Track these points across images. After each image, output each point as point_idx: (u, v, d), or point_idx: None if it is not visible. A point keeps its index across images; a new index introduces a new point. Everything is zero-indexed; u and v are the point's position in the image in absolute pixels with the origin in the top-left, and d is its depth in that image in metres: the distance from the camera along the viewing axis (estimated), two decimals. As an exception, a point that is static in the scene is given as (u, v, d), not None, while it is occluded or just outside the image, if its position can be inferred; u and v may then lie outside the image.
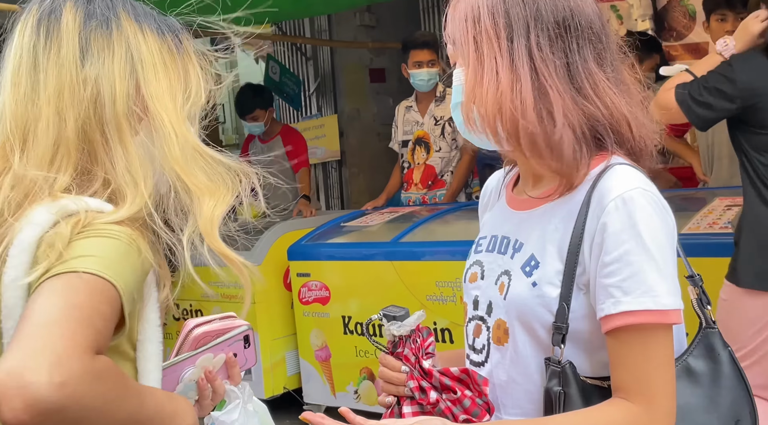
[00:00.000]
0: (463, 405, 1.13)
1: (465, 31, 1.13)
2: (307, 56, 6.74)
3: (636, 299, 1.04)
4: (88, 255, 0.95)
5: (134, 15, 1.11)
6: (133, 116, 1.07)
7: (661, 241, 1.07)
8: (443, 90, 4.53)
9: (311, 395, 3.95)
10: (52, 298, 0.91)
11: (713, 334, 1.17)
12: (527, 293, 1.12)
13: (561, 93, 1.10)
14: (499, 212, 1.27)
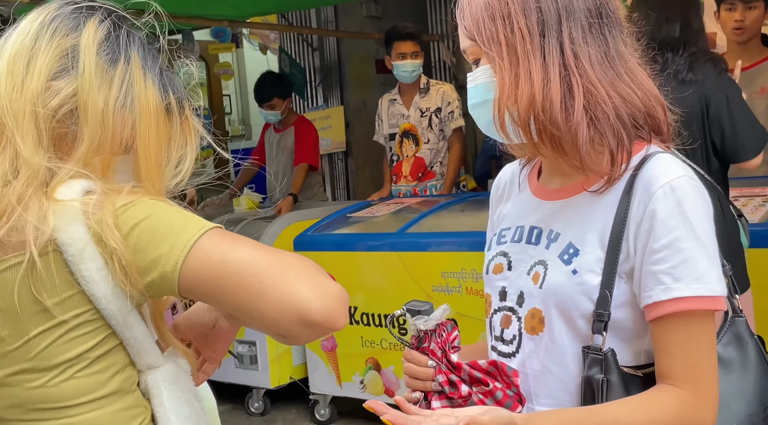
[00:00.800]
0: (496, 397, 1.12)
1: (493, 29, 1.11)
2: (314, 47, 6.73)
3: (688, 285, 1.05)
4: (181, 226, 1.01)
5: (143, 61, 1.11)
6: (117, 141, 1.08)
7: (708, 228, 1.08)
8: (427, 82, 4.56)
9: (317, 385, 3.97)
10: (245, 249, 1.00)
11: (741, 322, 1.18)
12: (567, 282, 1.12)
13: (596, 85, 1.10)
14: (524, 202, 1.26)
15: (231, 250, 1.00)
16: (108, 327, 1.04)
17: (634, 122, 1.13)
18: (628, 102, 1.12)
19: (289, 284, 0.98)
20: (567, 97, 1.09)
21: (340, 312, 0.99)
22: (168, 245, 0.99)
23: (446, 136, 4.52)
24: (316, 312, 0.97)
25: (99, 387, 1.05)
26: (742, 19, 3.48)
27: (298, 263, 1.01)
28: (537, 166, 1.28)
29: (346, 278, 3.81)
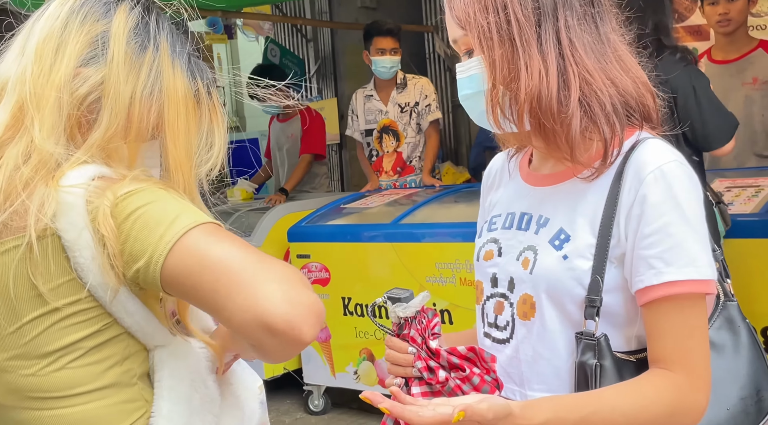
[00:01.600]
0: (473, 382, 1.14)
1: (487, 20, 1.10)
2: (308, 38, 6.71)
3: (679, 269, 1.05)
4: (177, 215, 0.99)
5: (172, 48, 1.11)
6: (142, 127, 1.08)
7: (698, 213, 1.08)
8: (403, 77, 4.58)
9: (311, 376, 3.97)
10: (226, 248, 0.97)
11: (732, 306, 1.19)
12: (557, 267, 1.12)
13: (592, 72, 1.10)
14: (515, 189, 1.26)
15: (212, 248, 0.97)
16: (108, 315, 1.03)
17: (626, 110, 1.13)
18: (621, 89, 1.12)
19: (257, 288, 0.94)
20: (563, 88, 1.09)
21: (307, 322, 0.93)
22: (157, 236, 0.97)
23: (423, 129, 4.54)
24: (277, 318, 0.92)
25: (93, 379, 1.03)
26: (726, 11, 3.52)
27: (277, 268, 0.97)
28: (528, 153, 1.28)
29: (340, 269, 3.82)
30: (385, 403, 1.00)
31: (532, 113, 1.09)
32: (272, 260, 0.99)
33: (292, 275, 0.97)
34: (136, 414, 1.06)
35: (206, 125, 1.13)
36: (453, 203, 3.90)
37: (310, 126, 5.10)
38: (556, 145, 1.12)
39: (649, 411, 1.06)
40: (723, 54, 3.66)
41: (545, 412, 1.03)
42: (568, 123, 1.09)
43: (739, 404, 1.14)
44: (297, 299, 0.94)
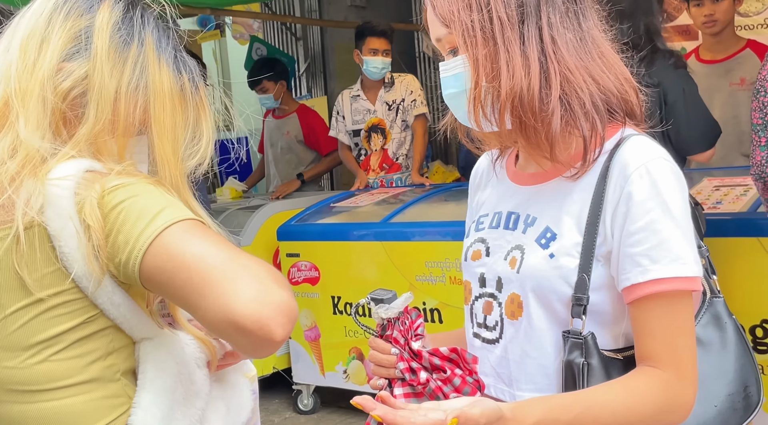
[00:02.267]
0: (453, 383, 1.14)
1: (470, 18, 1.09)
2: (297, 36, 6.70)
3: (665, 266, 1.05)
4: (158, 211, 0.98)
5: (157, 43, 1.11)
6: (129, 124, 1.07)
7: (684, 209, 1.08)
8: (391, 76, 4.60)
9: (300, 375, 3.96)
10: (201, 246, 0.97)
11: (719, 303, 1.19)
12: (544, 265, 1.12)
13: (573, 71, 1.09)
14: (502, 188, 1.26)
15: (187, 246, 0.97)
16: (93, 307, 1.03)
17: (608, 107, 1.13)
18: (602, 87, 1.12)
19: (227, 288, 0.93)
20: (544, 87, 1.09)
21: (277, 322, 0.92)
22: (138, 231, 0.97)
23: (409, 124, 4.55)
24: (246, 319, 0.91)
25: (75, 373, 1.03)
26: (711, 12, 3.53)
27: (251, 266, 0.96)
28: (514, 152, 1.28)
29: (330, 267, 3.81)
30: (378, 410, 0.99)
31: (513, 111, 1.09)
32: (247, 258, 0.98)
33: (266, 273, 0.96)
34: (118, 410, 1.05)
35: (193, 120, 1.13)
36: (443, 201, 3.90)
37: (317, 124, 5.12)
38: (537, 143, 1.11)
39: (638, 408, 1.06)
40: (711, 54, 3.67)
41: (536, 414, 1.03)
42: (549, 121, 1.09)
43: (726, 400, 1.15)
44: (267, 298, 0.93)
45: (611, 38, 1.16)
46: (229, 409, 1.17)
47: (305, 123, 5.11)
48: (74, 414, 1.03)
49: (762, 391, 1.17)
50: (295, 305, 0.96)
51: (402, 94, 4.58)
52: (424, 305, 3.45)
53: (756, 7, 4.34)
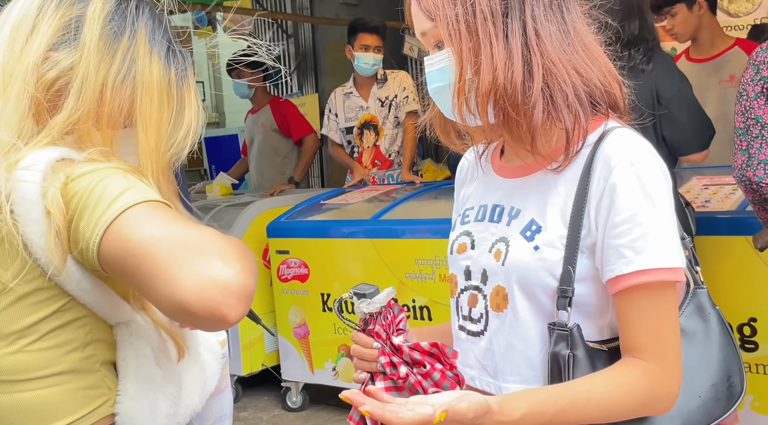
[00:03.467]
0: (433, 378, 1.14)
1: (455, 11, 1.10)
2: (288, 34, 6.68)
3: (649, 258, 1.06)
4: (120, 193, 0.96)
5: (150, 35, 1.09)
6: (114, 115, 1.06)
7: (667, 201, 1.08)
8: (384, 73, 4.60)
9: (289, 372, 3.95)
10: (150, 230, 0.94)
11: (702, 294, 1.19)
12: (529, 257, 1.12)
13: (556, 63, 1.09)
14: (487, 182, 1.27)
15: (140, 229, 0.94)
16: (66, 295, 1.02)
17: (591, 99, 1.13)
18: (586, 79, 1.12)
19: (174, 275, 0.90)
20: (527, 79, 1.09)
21: (227, 304, 0.90)
22: (96, 217, 0.96)
23: (400, 121, 4.55)
24: (193, 306, 0.89)
25: (51, 364, 1.02)
26: (671, 27, 3.64)
27: (204, 245, 0.92)
28: (500, 146, 1.28)
29: (319, 265, 3.80)
30: (366, 405, 0.99)
31: (495, 103, 1.09)
32: (202, 236, 0.94)
33: (218, 251, 0.92)
34: (96, 401, 1.05)
35: (176, 113, 1.11)
36: (433, 199, 3.90)
37: (288, 111, 5.12)
38: (519, 136, 1.12)
39: (623, 400, 1.07)
40: (700, 53, 3.72)
41: (523, 407, 1.03)
42: (530, 114, 1.09)
43: (710, 390, 1.15)
44: (215, 281, 0.89)
45: (595, 31, 1.17)
46: (205, 373, 1.18)
47: (277, 112, 5.12)
48: (50, 405, 1.02)
49: (745, 381, 1.18)
50: (248, 281, 0.92)
51: (395, 91, 4.58)
52: (413, 303, 3.45)
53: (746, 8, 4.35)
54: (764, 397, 2.70)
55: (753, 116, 2.21)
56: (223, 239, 0.95)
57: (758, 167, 2.19)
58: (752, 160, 2.20)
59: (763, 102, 2.19)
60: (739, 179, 2.29)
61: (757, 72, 2.21)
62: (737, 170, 2.28)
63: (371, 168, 4.59)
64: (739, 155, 2.26)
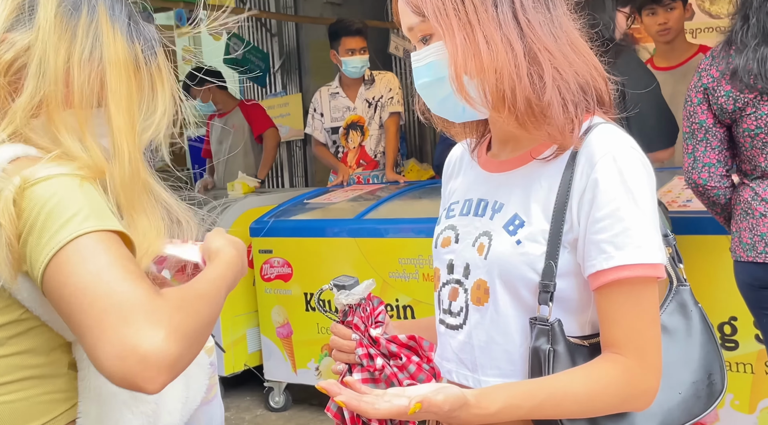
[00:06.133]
0: (409, 370, 1.15)
1: (443, 2, 1.09)
2: (272, 33, 6.66)
3: (630, 253, 1.06)
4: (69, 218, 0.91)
5: (110, 11, 1.05)
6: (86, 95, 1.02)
7: (649, 198, 1.08)
8: (371, 74, 4.60)
9: (272, 372, 3.94)
10: (87, 278, 0.89)
11: (685, 291, 1.20)
12: (511, 251, 1.12)
13: (552, 52, 1.09)
14: (473, 176, 1.26)
15: (78, 272, 0.89)
16: (21, 305, 0.97)
17: (584, 92, 1.13)
18: (576, 72, 1.12)
19: (94, 336, 0.86)
20: (532, 66, 1.09)
21: (144, 377, 0.86)
22: (43, 242, 0.91)
23: (383, 122, 4.56)
24: (111, 375, 0.86)
25: (12, 371, 0.97)
26: (665, 21, 3.65)
27: (134, 305, 0.87)
28: (486, 142, 1.28)
29: (303, 264, 3.79)
30: (342, 396, 0.99)
31: (501, 87, 1.08)
32: (134, 294, 0.88)
33: (151, 313, 0.87)
34: (65, 405, 1.01)
35: (148, 91, 1.08)
36: (417, 198, 3.90)
37: (253, 111, 5.23)
38: (537, 122, 1.09)
39: (601, 396, 1.07)
40: (665, 61, 3.78)
41: (500, 401, 1.03)
42: (548, 100, 1.08)
43: (690, 388, 1.15)
44: (132, 352, 0.85)
45: (580, 27, 1.17)
46: (189, 389, 1.15)
47: (247, 112, 5.22)
48: (13, 413, 0.98)
49: (726, 379, 1.19)
50: (174, 349, 0.87)
51: (381, 92, 4.59)
52: (397, 302, 3.45)
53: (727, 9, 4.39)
54: (744, 396, 2.72)
55: (697, 120, 2.31)
56: (156, 298, 0.90)
57: (702, 170, 2.31)
58: (697, 163, 2.32)
59: (705, 108, 2.29)
60: (687, 182, 2.39)
61: (699, 79, 2.31)
62: (685, 173, 2.38)
63: (356, 168, 4.59)
64: (686, 158, 2.36)
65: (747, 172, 2.29)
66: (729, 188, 2.34)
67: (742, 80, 2.17)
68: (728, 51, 2.24)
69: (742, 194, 2.29)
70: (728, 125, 2.29)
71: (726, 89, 2.22)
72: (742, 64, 2.17)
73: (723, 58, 2.24)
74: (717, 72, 2.25)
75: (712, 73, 2.27)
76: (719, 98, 2.24)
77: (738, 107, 2.21)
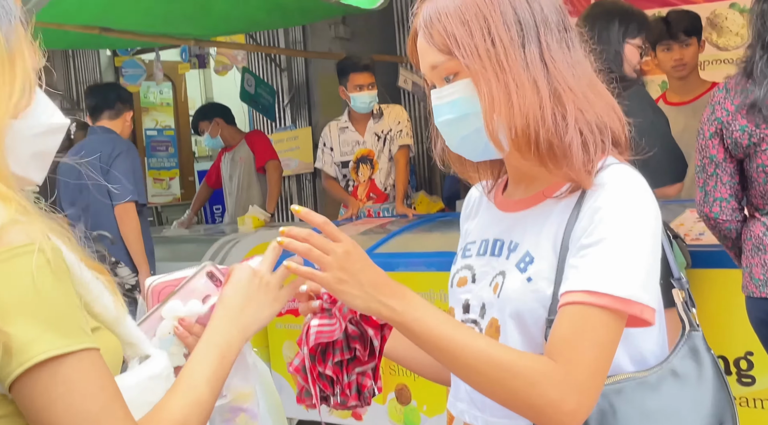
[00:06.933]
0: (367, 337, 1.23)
1: (473, 43, 1.11)
2: (282, 68, 6.72)
3: (601, 281, 1.05)
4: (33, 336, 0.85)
5: None
6: None
7: (647, 236, 1.08)
8: (379, 108, 4.63)
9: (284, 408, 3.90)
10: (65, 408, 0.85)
11: (697, 336, 1.18)
12: (522, 289, 1.12)
13: (576, 92, 1.11)
14: (489, 216, 1.27)
15: (47, 407, 0.85)
16: None
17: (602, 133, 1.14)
18: (597, 113, 1.13)
19: None
20: (557, 106, 1.10)
21: None
22: (7, 358, 0.85)
23: (392, 156, 4.57)
24: None
25: None
26: (681, 57, 3.65)
27: None
28: (503, 183, 1.29)
29: (314, 299, 3.77)
30: None
31: (534, 131, 1.09)
32: None
33: None
34: None
35: (10, 70, 0.97)
36: (427, 232, 3.90)
37: (257, 141, 5.32)
38: (557, 162, 1.10)
39: (513, 372, 1.04)
40: (678, 96, 3.77)
41: (420, 309, 1.08)
42: (570, 140, 1.09)
43: None
44: None
45: (597, 69, 1.19)
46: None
47: (251, 143, 5.31)
48: None
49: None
50: None
51: (390, 125, 4.62)
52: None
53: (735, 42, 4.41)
54: (762, 432, 2.68)
55: (708, 154, 2.30)
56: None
57: (714, 204, 2.31)
58: (708, 197, 2.32)
59: (717, 142, 2.28)
60: (699, 215, 2.38)
61: (712, 112, 2.30)
62: (697, 207, 2.37)
63: (366, 201, 4.60)
64: (698, 191, 2.36)
65: (759, 206, 2.28)
66: (741, 222, 2.33)
67: (761, 112, 2.15)
68: (746, 83, 2.21)
69: (752, 229, 2.27)
70: (740, 159, 2.28)
71: (741, 124, 2.20)
72: (762, 96, 2.15)
73: (740, 90, 2.22)
74: (732, 105, 2.23)
75: (726, 106, 2.24)
76: (734, 132, 2.22)
77: (753, 142, 2.20)
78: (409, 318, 1.07)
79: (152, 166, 7.83)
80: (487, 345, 1.06)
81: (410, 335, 1.08)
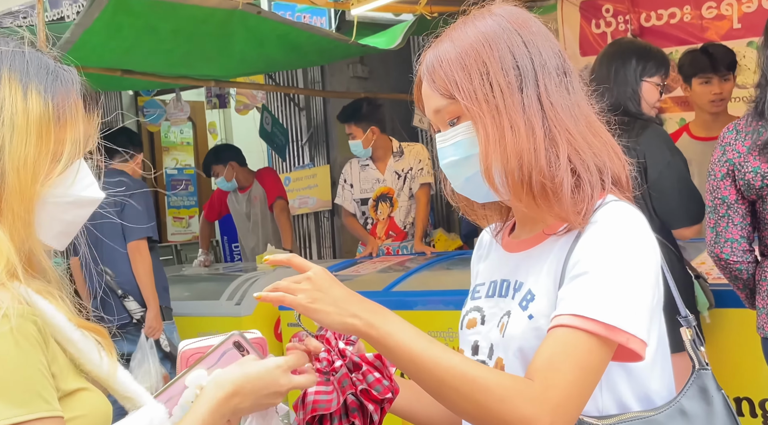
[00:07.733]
0: (368, 380, 1.16)
1: (473, 87, 1.13)
2: (300, 107, 6.80)
3: (585, 306, 1.05)
4: None
5: (21, 74, 1.00)
6: None
7: (636, 269, 1.08)
8: (399, 146, 4.66)
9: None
10: None
11: (706, 375, 1.17)
12: (524, 327, 1.13)
13: (573, 133, 1.13)
14: (497, 258, 1.28)
15: None
16: None
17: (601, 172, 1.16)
18: (594, 153, 1.15)
19: None
20: (550, 148, 1.12)
21: None
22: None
23: (413, 194, 4.58)
24: None
25: None
26: (720, 91, 3.56)
27: None
28: (511, 224, 1.30)
29: (331, 337, 3.75)
30: None
31: (526, 173, 1.11)
32: None
33: None
34: None
35: (54, 145, 1.00)
36: (445, 270, 3.89)
37: (267, 178, 5.35)
38: (550, 204, 1.12)
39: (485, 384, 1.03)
40: (705, 131, 3.68)
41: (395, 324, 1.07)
42: (560, 181, 1.11)
43: None
44: None
45: (597, 111, 1.21)
46: None
47: (261, 180, 5.35)
48: None
49: None
50: None
51: (411, 163, 4.64)
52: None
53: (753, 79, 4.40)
54: (790, 475, 2.62)
55: (719, 196, 2.29)
56: None
57: (725, 245, 2.30)
58: (719, 238, 2.30)
59: (729, 183, 2.27)
60: (710, 255, 2.36)
61: (723, 153, 2.28)
62: (708, 247, 2.35)
63: (385, 239, 4.60)
64: (708, 232, 2.34)
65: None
66: (752, 263, 2.30)
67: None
68: (757, 124, 2.20)
69: (767, 271, 2.24)
70: (753, 201, 2.26)
71: (754, 165, 2.19)
72: None
73: (751, 131, 2.21)
74: (743, 147, 2.21)
75: (737, 147, 2.23)
76: (746, 174, 2.21)
77: (766, 183, 2.18)
78: (383, 332, 1.07)
79: (172, 204, 7.90)
80: (461, 361, 1.06)
81: (383, 349, 1.08)
